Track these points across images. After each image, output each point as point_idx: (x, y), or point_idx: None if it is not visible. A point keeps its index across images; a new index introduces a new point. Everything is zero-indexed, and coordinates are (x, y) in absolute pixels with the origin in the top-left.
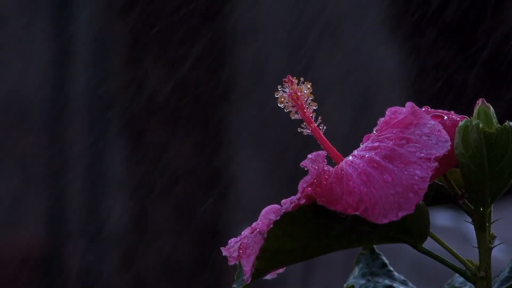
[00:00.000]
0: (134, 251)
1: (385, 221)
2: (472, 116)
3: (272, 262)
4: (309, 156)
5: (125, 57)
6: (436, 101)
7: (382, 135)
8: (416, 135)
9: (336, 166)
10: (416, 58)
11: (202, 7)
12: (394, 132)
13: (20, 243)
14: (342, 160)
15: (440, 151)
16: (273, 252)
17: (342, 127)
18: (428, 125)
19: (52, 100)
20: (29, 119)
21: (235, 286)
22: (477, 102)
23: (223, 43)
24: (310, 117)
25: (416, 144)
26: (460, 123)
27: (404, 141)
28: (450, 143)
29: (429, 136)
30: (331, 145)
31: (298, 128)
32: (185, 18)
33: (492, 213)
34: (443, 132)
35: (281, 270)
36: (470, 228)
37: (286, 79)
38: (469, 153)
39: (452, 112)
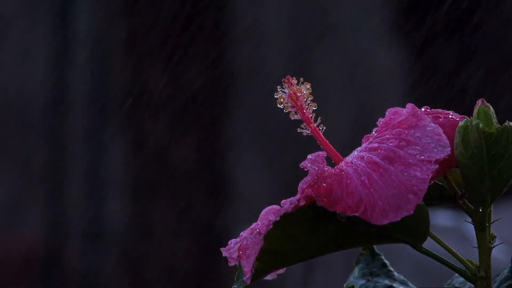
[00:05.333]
0: (133, 251)
1: (385, 222)
2: (472, 116)
3: (272, 263)
4: (309, 156)
5: (125, 57)
6: (436, 101)
7: (381, 136)
8: (416, 138)
9: (335, 167)
10: (416, 58)
11: (203, 7)
12: (394, 133)
13: (21, 243)
14: (341, 161)
15: (440, 155)
16: (273, 252)
17: (342, 127)
18: (429, 128)
19: (52, 100)
20: (30, 119)
21: (235, 287)
22: (477, 102)
23: (224, 43)
24: (310, 118)
25: (416, 147)
26: (460, 123)
27: (404, 143)
28: (450, 148)
29: (429, 140)
30: (330, 146)
31: (298, 129)
32: (185, 18)
33: (492, 213)
34: (443, 136)
35: (281, 271)
36: (470, 228)
37: (285, 80)
38: (469, 153)
39: (452, 112)
